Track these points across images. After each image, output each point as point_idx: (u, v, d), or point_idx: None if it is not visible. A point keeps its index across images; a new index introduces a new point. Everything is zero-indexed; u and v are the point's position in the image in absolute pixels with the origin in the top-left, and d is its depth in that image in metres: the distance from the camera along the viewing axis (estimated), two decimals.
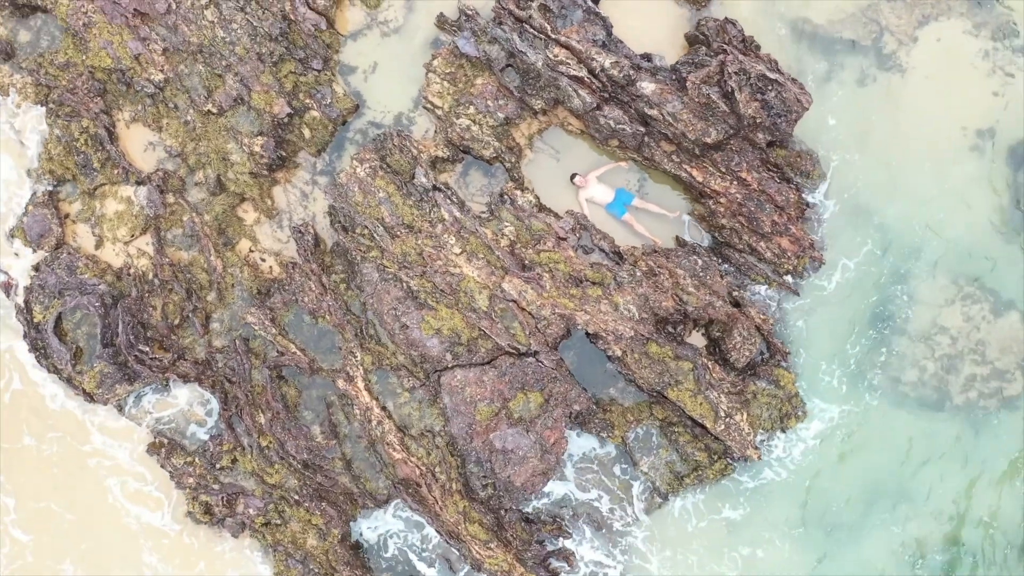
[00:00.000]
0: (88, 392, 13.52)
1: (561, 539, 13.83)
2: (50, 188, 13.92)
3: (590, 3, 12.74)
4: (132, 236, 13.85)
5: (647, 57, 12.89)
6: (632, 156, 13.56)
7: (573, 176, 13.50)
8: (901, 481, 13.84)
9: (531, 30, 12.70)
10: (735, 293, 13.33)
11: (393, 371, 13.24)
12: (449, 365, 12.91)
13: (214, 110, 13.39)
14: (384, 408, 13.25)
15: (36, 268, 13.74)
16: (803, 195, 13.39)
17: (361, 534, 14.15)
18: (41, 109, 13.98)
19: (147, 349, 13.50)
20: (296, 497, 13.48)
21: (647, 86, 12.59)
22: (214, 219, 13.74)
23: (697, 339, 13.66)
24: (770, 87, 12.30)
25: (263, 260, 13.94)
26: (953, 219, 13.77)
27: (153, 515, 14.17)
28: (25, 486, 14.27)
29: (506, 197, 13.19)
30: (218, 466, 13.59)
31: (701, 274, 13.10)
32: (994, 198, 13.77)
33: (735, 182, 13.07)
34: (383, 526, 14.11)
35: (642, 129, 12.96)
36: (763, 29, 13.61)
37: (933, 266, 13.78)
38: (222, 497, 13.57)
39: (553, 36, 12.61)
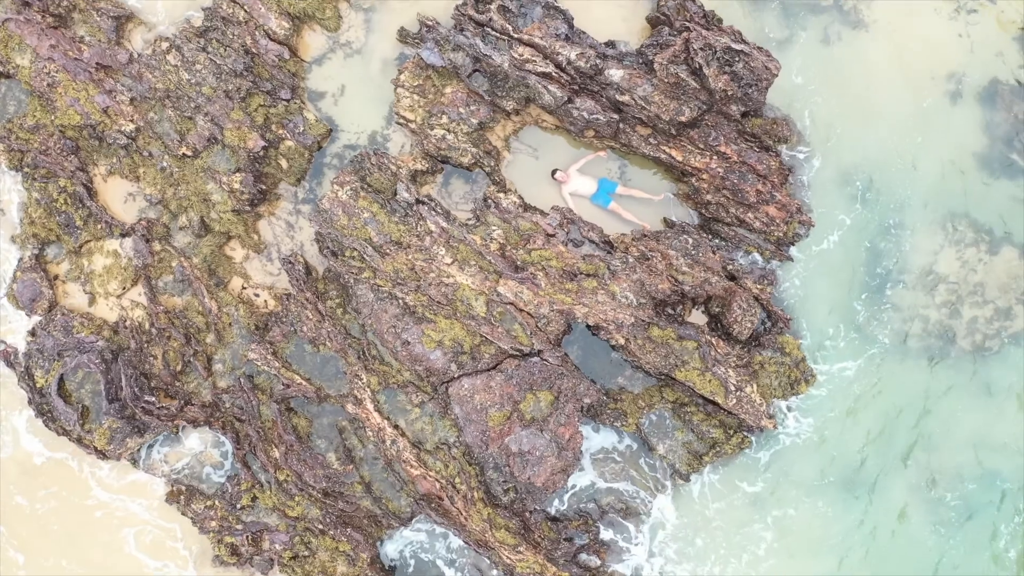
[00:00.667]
0: (100, 449, 13.48)
1: (588, 534, 13.81)
2: (36, 251, 13.88)
3: None
4: (123, 288, 13.82)
5: (611, 44, 12.91)
6: (610, 144, 13.58)
7: (554, 172, 13.51)
8: (917, 425, 13.89)
9: (493, 32, 12.71)
10: (730, 267, 13.35)
11: (400, 388, 13.22)
12: (455, 375, 12.90)
13: (189, 153, 13.38)
14: (396, 426, 13.24)
15: (32, 333, 13.71)
16: (783, 160, 13.42)
17: (388, 555, 14.12)
18: (17, 174, 13.95)
19: (153, 399, 13.46)
20: (320, 526, 13.45)
21: (615, 73, 12.60)
22: (203, 261, 13.72)
23: (698, 317, 13.66)
24: (737, 58, 12.32)
25: (257, 295, 13.91)
26: (935, 165, 13.81)
27: (178, 568, 14.12)
28: (30, 542, 14.21)
29: (490, 201, 13.19)
30: (239, 506, 13.56)
31: (693, 252, 13.11)
32: (973, 138, 13.81)
33: (715, 157, 13.08)
34: (405, 541, 14.07)
35: (616, 116, 12.97)
36: (723, 2, 13.64)
37: (922, 215, 13.82)
38: (247, 536, 13.54)
39: (516, 36, 12.62)
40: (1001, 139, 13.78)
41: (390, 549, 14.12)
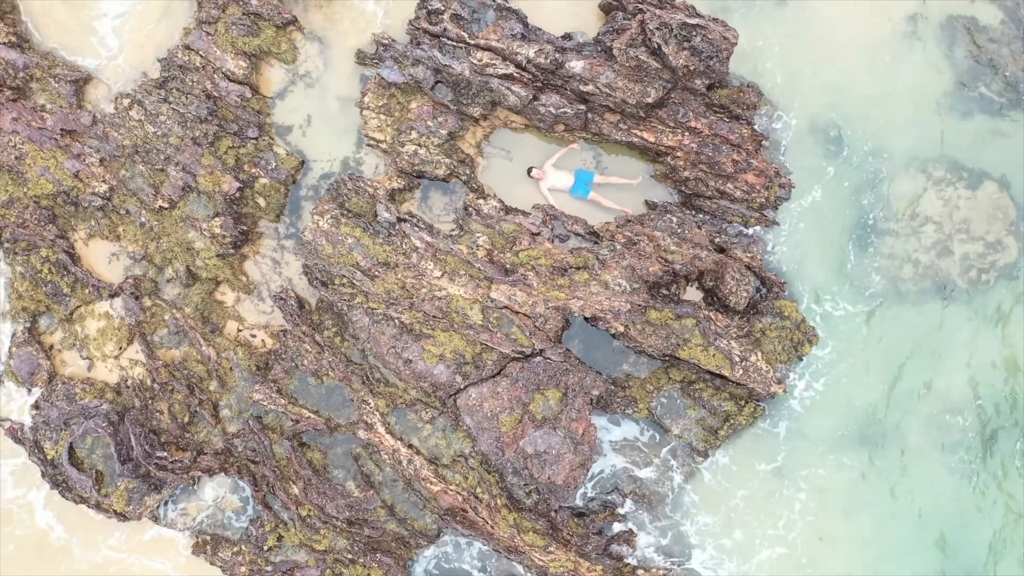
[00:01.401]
0: (120, 512, 13.45)
1: (615, 524, 13.80)
2: (27, 325, 13.85)
3: (500, 0, 12.75)
4: (120, 349, 13.80)
5: (568, 37, 12.92)
6: (581, 136, 13.58)
7: (530, 170, 13.52)
8: (924, 364, 13.94)
9: (450, 42, 12.72)
10: (717, 239, 13.36)
11: (409, 407, 13.21)
12: (461, 386, 12.89)
13: (166, 205, 13.36)
14: (410, 446, 13.22)
15: (36, 406, 13.67)
16: (755, 127, 13.43)
17: None
18: None
19: (165, 454, 13.44)
20: (350, 556, 13.42)
21: (576, 64, 12.62)
22: (195, 310, 13.71)
23: (693, 294, 13.67)
24: (694, 33, 12.34)
25: (254, 336, 13.90)
26: (905, 108, 13.85)
27: None
28: None
29: (471, 209, 13.19)
30: (266, 548, 13.53)
31: (679, 230, 13.12)
32: (938, 77, 13.86)
33: (687, 133, 13.10)
34: (432, 555, 14.02)
35: (583, 107, 12.98)
36: None
37: (899, 157, 13.85)
38: None
39: (472, 42, 12.62)
40: (966, 74, 13.83)
41: (420, 569, 14.09)
